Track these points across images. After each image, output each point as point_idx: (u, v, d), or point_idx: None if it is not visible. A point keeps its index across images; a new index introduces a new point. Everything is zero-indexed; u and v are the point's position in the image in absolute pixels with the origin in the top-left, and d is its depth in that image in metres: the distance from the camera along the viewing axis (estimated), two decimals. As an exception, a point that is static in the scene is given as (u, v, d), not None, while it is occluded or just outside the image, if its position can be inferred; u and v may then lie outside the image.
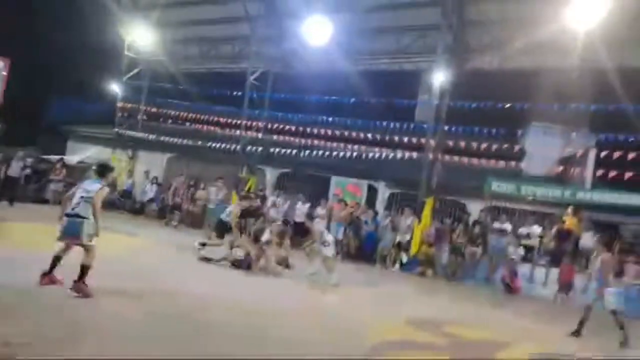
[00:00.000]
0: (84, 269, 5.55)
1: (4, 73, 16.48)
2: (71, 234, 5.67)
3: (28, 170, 15.31)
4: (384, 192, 16.13)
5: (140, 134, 19.11)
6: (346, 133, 15.32)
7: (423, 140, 13.43)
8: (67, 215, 5.72)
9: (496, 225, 13.05)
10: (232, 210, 9.85)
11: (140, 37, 18.30)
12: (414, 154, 13.87)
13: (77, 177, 15.78)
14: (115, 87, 20.32)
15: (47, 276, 5.68)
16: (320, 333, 5.62)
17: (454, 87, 13.67)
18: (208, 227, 11.79)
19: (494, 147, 12.93)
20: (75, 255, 5.68)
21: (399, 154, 14.00)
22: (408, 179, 14.78)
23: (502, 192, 13.36)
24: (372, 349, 5.32)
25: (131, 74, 19.45)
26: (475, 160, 13.41)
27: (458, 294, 10.22)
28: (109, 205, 17.40)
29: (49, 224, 6.48)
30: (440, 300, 9.28)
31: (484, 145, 12.97)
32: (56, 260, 5.72)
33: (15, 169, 14.36)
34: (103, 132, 20.53)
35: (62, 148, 21.49)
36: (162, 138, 18.11)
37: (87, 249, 5.66)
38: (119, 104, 19.46)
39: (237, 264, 9.19)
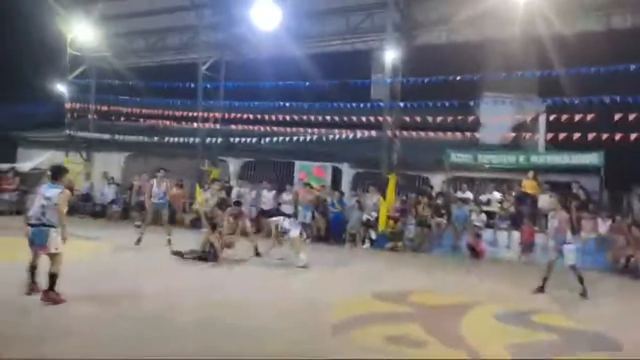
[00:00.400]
0: (53, 277, 5.60)
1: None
2: (39, 243, 5.65)
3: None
4: (348, 172, 16.33)
5: (93, 135, 18.45)
6: (305, 117, 15.28)
7: (381, 119, 13.59)
8: (32, 225, 5.67)
9: (458, 194, 13.50)
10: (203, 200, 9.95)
11: (82, 32, 17.50)
12: (373, 133, 14.04)
13: (31, 185, 15.22)
14: (61, 87, 19.47)
15: (34, 286, 5.79)
16: (286, 319, 5.66)
17: (405, 63, 13.86)
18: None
19: (450, 119, 13.24)
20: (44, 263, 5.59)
21: (359, 134, 14.13)
22: (370, 158, 14.99)
23: (461, 163, 13.80)
24: (336, 326, 5.40)
25: (77, 72, 18.63)
26: (432, 134, 13.69)
27: (426, 264, 10.57)
28: (70, 209, 16.88)
29: (7, 235, 6.34)
30: (408, 272, 9.55)
31: (439, 119, 13.25)
32: (33, 269, 5.81)
33: None
34: (54, 136, 19.67)
35: (13, 155, 20.52)
36: (116, 137, 17.56)
37: (54, 257, 5.68)
38: (67, 105, 18.64)
39: (204, 257, 9.15)
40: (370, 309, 6.31)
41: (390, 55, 13.52)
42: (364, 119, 13.87)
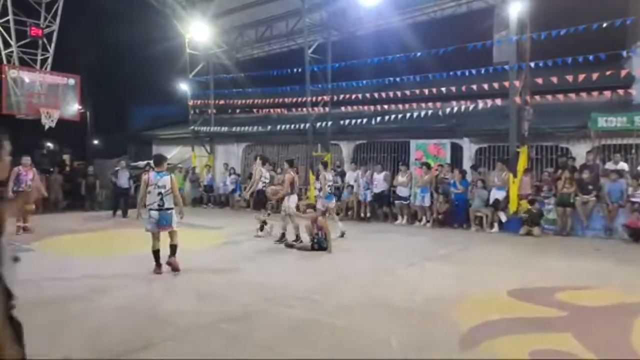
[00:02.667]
0: (174, 248, 6.84)
1: (77, 89, 17.29)
2: (165, 223, 6.82)
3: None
4: (469, 148, 14.76)
5: (213, 129, 19.36)
6: (418, 91, 14.12)
7: (506, 84, 11.86)
8: (158, 209, 6.73)
9: (609, 166, 11.29)
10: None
11: (198, 31, 18.35)
12: (498, 101, 12.36)
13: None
14: (184, 86, 20.75)
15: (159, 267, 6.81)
16: (401, 323, 4.76)
17: (533, 16, 11.86)
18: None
19: (595, 76, 11.06)
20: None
21: (481, 104, 12.52)
22: (495, 131, 13.32)
23: (611, 128, 11.47)
24: (465, 335, 4.38)
25: (196, 70, 19.64)
26: (573, 96, 11.61)
27: (572, 252, 8.90)
28: (194, 200, 18.10)
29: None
30: (550, 261, 8.01)
31: (581, 77, 11.14)
32: (157, 253, 6.81)
33: (123, 180, 14.04)
34: (181, 132, 21.17)
35: (149, 153, 22.58)
36: (234, 129, 18.17)
37: (174, 233, 6.92)
38: (190, 102, 19.80)
39: (319, 247, 8.72)
40: (507, 311, 5.14)
41: (516, 9, 11.68)
42: (486, 86, 12.26)
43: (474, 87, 12.44)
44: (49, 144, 28.84)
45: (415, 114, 13.90)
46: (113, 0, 20.76)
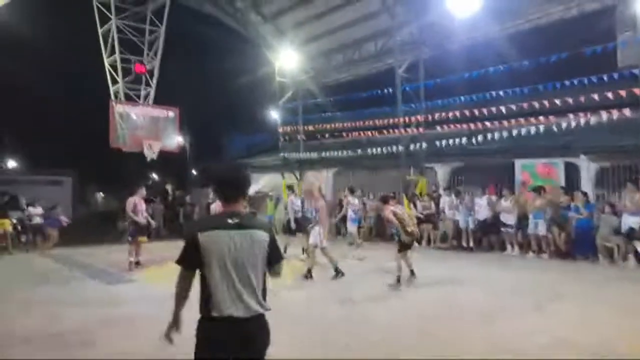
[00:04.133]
0: None
1: (176, 122, 18.06)
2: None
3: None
4: (588, 168, 12.91)
5: (303, 155, 19.21)
6: (525, 105, 12.72)
7: (637, 91, 10.15)
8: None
9: None
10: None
11: (287, 59, 18.53)
12: (627, 112, 10.61)
13: (257, 207, 16.50)
14: (274, 114, 21.00)
15: None
16: None
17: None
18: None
19: None
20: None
21: (604, 116, 10.83)
22: (621, 146, 11.48)
23: None
24: None
25: (285, 97, 19.77)
26: None
27: None
28: (286, 230, 17.85)
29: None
30: None
31: None
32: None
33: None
34: (271, 159, 21.36)
35: (242, 181, 23.04)
36: (323, 154, 17.85)
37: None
38: (280, 129, 19.92)
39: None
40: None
41: (643, 5, 10.08)
42: (610, 95, 10.61)
43: (595, 96, 10.82)
44: (154, 175, 30.89)
45: (522, 131, 12.50)
46: (208, 34, 21.86)
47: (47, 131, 31.69)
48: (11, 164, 33.07)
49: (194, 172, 34.28)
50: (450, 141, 13.75)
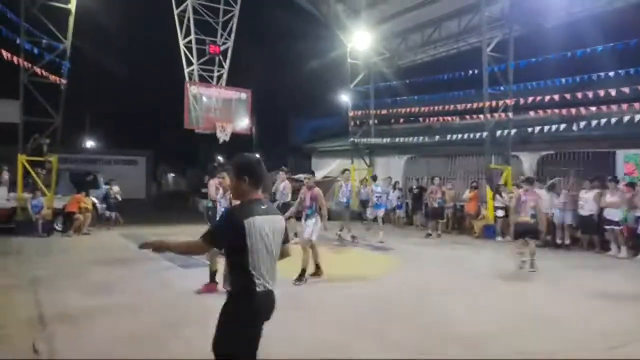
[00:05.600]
0: None
1: (248, 103, 17.88)
2: None
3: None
4: None
5: (374, 140, 18.48)
6: (627, 90, 11.22)
7: None
8: None
9: None
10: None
11: (360, 40, 17.78)
12: None
13: (324, 192, 16.11)
14: (344, 97, 20.36)
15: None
16: None
17: None
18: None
19: None
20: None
21: None
22: None
23: None
24: None
25: (357, 80, 19.05)
26: None
27: None
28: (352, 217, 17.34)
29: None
30: None
31: None
32: None
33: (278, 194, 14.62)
34: (340, 145, 20.80)
35: (308, 165, 22.77)
36: (396, 140, 17.03)
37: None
38: (350, 113, 19.27)
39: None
40: None
41: None
42: None
43: None
44: (219, 157, 31.41)
45: (625, 118, 11.06)
46: (280, 16, 21.52)
47: (123, 112, 33.06)
48: (90, 144, 34.85)
49: (257, 155, 34.55)
50: (540, 128, 12.46)
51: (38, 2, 12.77)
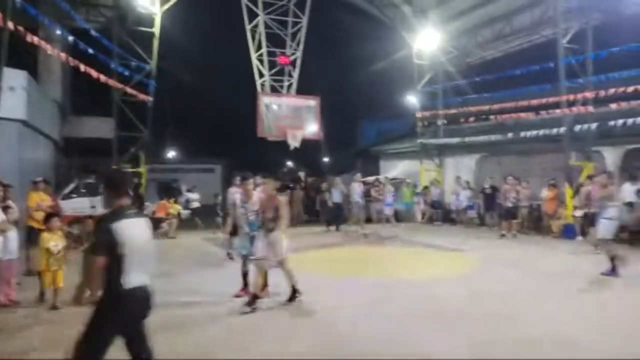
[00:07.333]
0: None
1: (317, 110, 18.36)
2: None
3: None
4: None
5: (443, 140, 18.25)
6: None
7: None
8: None
9: None
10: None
11: (427, 40, 17.68)
12: None
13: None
14: (412, 99, 20.28)
15: None
16: None
17: None
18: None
19: None
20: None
21: None
22: None
23: None
24: None
25: (424, 81, 18.93)
26: None
27: None
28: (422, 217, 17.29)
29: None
30: None
31: None
32: None
33: (336, 196, 15.54)
34: (408, 146, 20.72)
35: (376, 168, 22.87)
36: (467, 139, 16.71)
37: None
38: (418, 115, 19.16)
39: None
40: None
41: None
42: None
43: None
44: (288, 162, 32.25)
45: None
46: (345, 21, 21.89)
47: (201, 124, 35.09)
48: (171, 154, 37.20)
49: (325, 159, 35.03)
50: (624, 121, 11.69)
51: (128, 28, 14.10)
